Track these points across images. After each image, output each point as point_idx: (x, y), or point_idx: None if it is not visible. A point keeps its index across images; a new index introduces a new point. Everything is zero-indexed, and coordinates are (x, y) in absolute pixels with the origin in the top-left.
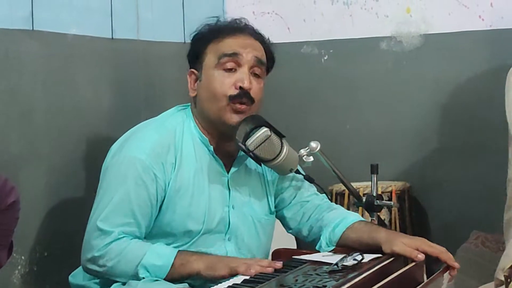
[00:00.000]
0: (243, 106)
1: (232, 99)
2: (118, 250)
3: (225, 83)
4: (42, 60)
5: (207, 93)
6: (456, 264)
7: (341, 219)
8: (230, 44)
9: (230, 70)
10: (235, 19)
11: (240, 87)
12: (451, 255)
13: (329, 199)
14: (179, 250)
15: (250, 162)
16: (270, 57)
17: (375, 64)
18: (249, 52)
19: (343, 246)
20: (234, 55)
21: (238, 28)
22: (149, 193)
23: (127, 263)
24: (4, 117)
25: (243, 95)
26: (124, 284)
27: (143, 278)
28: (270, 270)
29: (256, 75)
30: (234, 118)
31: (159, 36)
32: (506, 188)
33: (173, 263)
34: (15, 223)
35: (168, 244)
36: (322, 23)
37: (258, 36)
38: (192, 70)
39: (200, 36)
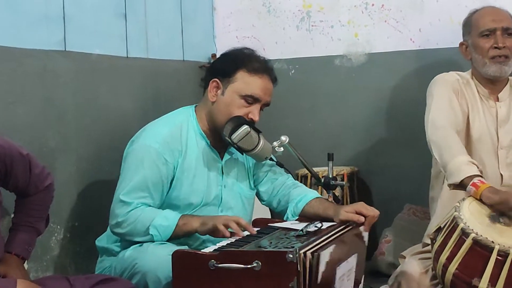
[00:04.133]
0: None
1: None
2: (136, 216)
3: (241, 111)
4: (72, 74)
5: (224, 110)
6: (366, 227)
7: (302, 196)
8: (257, 86)
9: (249, 103)
10: (265, 59)
11: (251, 119)
12: (373, 219)
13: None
14: (182, 214)
15: (237, 153)
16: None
17: (330, 76)
18: (266, 97)
19: (306, 216)
20: (257, 99)
21: (266, 69)
22: (161, 174)
23: (142, 225)
24: (43, 118)
25: (250, 123)
26: (140, 246)
27: (154, 236)
28: (253, 231)
29: (261, 109)
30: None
31: (164, 55)
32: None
33: (177, 223)
34: (51, 200)
35: None
36: (289, 45)
37: (274, 79)
38: (216, 80)
39: (235, 58)
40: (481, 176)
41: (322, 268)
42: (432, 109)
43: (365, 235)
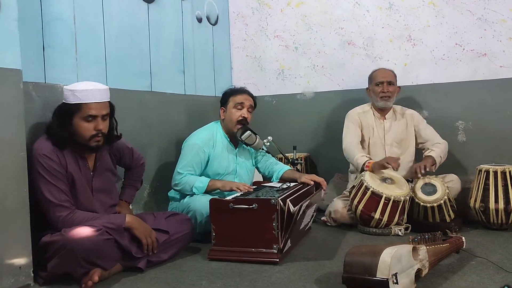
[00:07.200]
0: (242, 125)
1: (238, 122)
2: (185, 180)
3: (237, 115)
4: (156, 105)
5: (229, 119)
6: (326, 188)
7: (281, 169)
8: (240, 99)
9: (239, 109)
10: (241, 87)
11: (244, 117)
12: (325, 183)
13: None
14: (210, 179)
15: (244, 145)
16: (254, 104)
17: (295, 104)
18: (247, 102)
19: (282, 179)
20: (242, 104)
21: (243, 91)
22: (200, 159)
23: (188, 186)
24: (139, 128)
25: (244, 121)
26: (192, 196)
27: (195, 192)
28: (251, 189)
29: (249, 111)
30: (237, 129)
31: (204, 93)
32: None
33: (208, 184)
34: (144, 171)
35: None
36: (272, 87)
37: (250, 95)
38: (223, 107)
39: (227, 93)
40: (370, 159)
41: (290, 208)
42: (344, 134)
43: (322, 193)
